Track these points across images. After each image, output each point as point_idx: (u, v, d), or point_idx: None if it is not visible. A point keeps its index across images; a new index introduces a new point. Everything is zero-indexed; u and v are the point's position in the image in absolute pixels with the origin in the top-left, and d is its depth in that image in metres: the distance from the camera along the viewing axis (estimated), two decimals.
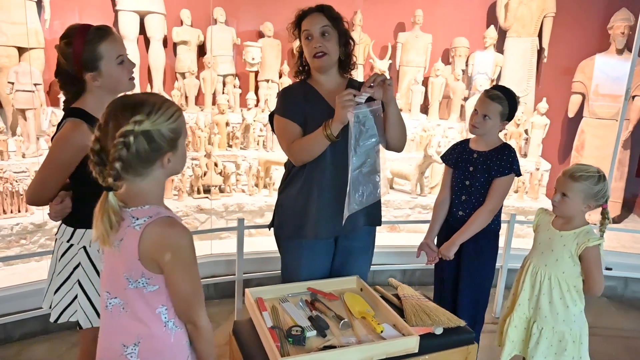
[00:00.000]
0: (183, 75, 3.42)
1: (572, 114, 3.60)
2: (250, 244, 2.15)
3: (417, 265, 2.54)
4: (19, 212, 2.47)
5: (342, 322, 1.22)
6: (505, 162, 1.53)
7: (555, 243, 1.40)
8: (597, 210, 1.42)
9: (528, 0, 3.52)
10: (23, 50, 2.86)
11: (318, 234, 1.40)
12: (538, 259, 1.44)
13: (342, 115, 1.25)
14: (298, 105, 1.38)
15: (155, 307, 0.85)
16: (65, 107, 1.19)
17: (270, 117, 1.47)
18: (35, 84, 2.80)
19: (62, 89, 1.19)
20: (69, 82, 1.16)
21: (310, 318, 1.24)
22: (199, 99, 3.47)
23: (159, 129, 0.79)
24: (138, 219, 0.81)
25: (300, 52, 1.43)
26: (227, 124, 3.23)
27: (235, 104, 3.47)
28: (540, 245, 1.45)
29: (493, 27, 3.58)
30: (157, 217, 0.82)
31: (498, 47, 3.64)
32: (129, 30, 3.19)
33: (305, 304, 1.31)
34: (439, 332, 1.25)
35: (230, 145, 3.25)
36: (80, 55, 1.11)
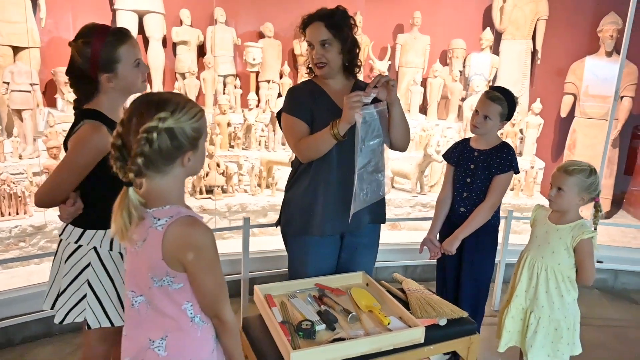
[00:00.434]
0: (183, 76, 3.42)
1: (564, 114, 3.68)
2: (254, 244, 2.18)
3: (418, 262, 2.59)
4: (17, 214, 2.45)
5: (350, 315, 1.26)
6: (505, 160, 1.59)
7: (552, 236, 1.47)
8: (590, 206, 1.49)
9: (522, 4, 3.59)
10: (18, 50, 2.83)
11: (325, 231, 1.44)
12: (535, 252, 1.51)
13: (349, 116, 1.28)
14: (305, 104, 1.41)
15: (181, 303, 0.86)
16: (76, 107, 1.19)
17: (278, 115, 1.51)
18: (32, 84, 2.75)
19: (72, 87, 1.18)
20: (82, 81, 1.16)
21: (319, 312, 1.27)
22: (199, 100, 3.47)
23: (182, 127, 0.81)
24: (160, 220, 0.82)
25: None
26: (228, 124, 3.25)
27: (237, 105, 3.49)
28: (537, 239, 1.51)
29: (489, 29, 3.65)
30: (178, 216, 0.82)
31: (494, 49, 3.71)
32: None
33: (314, 299, 1.35)
34: (443, 323, 1.30)
35: (232, 146, 3.27)
36: (98, 56, 1.11)
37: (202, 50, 3.50)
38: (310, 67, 1.45)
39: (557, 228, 1.46)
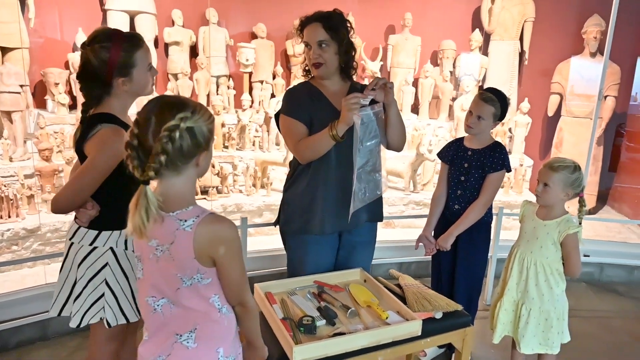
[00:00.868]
0: (175, 77, 3.41)
1: (551, 113, 3.78)
2: (250, 243, 2.20)
3: (412, 258, 2.64)
4: (9, 217, 2.42)
5: (349, 310, 1.29)
6: (498, 159, 1.64)
7: (540, 232, 1.53)
8: (575, 202, 1.55)
9: (510, 6, 3.68)
10: (6, 50, 2.79)
11: (324, 230, 1.46)
12: (524, 247, 1.56)
13: (348, 118, 1.31)
14: (303, 105, 1.43)
15: (209, 297, 0.90)
16: (85, 109, 1.20)
17: (276, 117, 1.53)
18: (22, 85, 2.73)
19: (82, 91, 1.20)
20: (94, 84, 1.17)
21: (319, 309, 1.30)
22: None
23: (200, 127, 0.84)
24: (186, 221, 0.85)
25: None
26: (222, 125, 3.26)
27: (230, 105, 3.49)
28: (526, 235, 1.57)
29: (478, 30, 3.72)
30: (203, 215, 0.86)
31: (483, 49, 3.79)
32: None
33: (313, 296, 1.38)
34: (439, 316, 1.34)
35: (227, 147, 3.27)
36: (117, 61, 1.14)
37: (194, 51, 3.50)
38: (307, 69, 1.48)
39: (544, 224, 1.51)
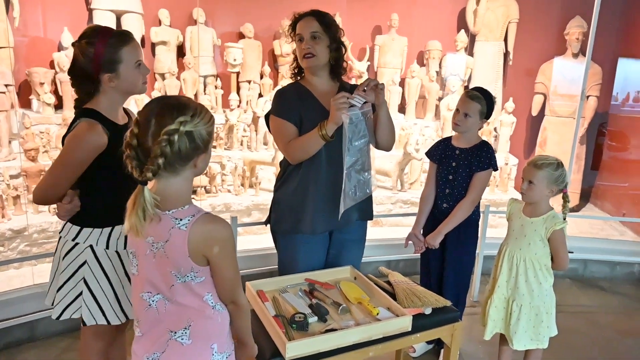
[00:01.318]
0: (163, 76, 3.38)
1: (535, 113, 3.87)
2: (239, 243, 2.19)
3: (400, 256, 2.67)
4: None
5: (340, 307, 1.31)
6: (485, 157, 1.68)
7: (527, 229, 1.57)
8: (559, 199, 1.59)
9: (494, 7, 3.75)
10: None
11: (315, 229, 1.48)
12: (513, 245, 1.60)
13: (336, 117, 1.33)
14: (293, 106, 1.45)
15: (202, 295, 0.91)
16: (77, 106, 1.20)
17: (266, 118, 1.54)
18: (7, 85, 2.69)
19: (73, 87, 1.21)
20: (83, 81, 1.18)
21: (311, 306, 1.31)
22: None
23: (199, 131, 0.85)
24: (182, 220, 0.86)
25: (296, 54, 1.49)
26: None
27: (218, 105, 3.48)
28: (514, 232, 1.61)
29: (463, 31, 3.78)
30: (199, 215, 0.87)
31: (468, 50, 3.85)
32: None
33: (305, 294, 1.39)
34: (429, 312, 1.37)
35: (214, 146, 3.26)
36: (101, 56, 1.14)
37: (181, 51, 3.47)
38: (296, 71, 1.51)
39: (531, 221, 1.55)
